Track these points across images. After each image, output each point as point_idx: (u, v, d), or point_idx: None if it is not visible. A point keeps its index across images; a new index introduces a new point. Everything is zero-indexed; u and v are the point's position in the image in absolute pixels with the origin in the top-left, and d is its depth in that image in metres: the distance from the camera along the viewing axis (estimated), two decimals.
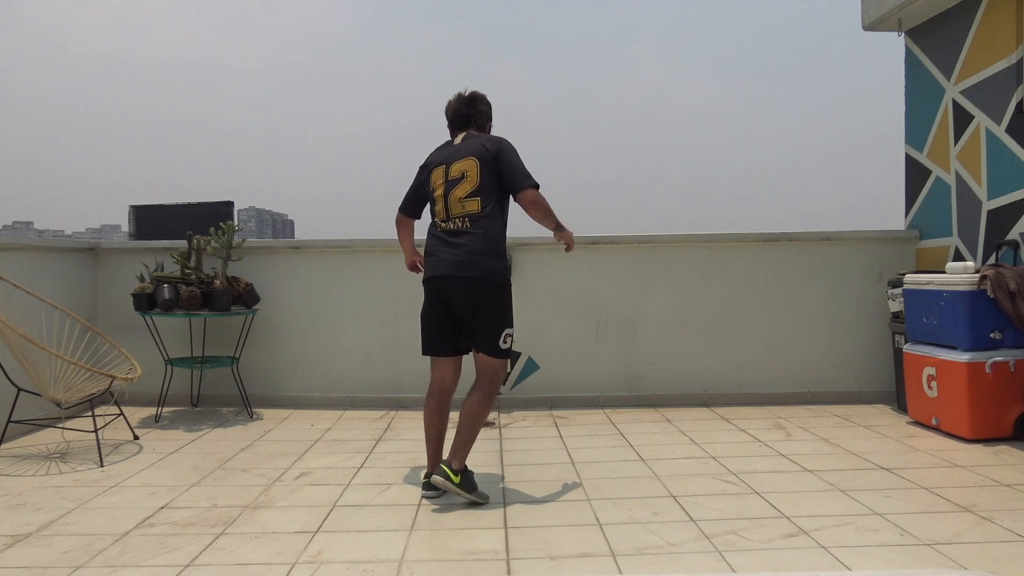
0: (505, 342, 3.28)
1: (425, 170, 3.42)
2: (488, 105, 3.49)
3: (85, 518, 2.99)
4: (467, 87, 3.47)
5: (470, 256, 3.21)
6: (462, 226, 3.25)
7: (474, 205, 3.24)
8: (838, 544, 2.63)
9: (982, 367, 3.96)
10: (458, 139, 3.41)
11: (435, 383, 3.37)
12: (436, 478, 3.12)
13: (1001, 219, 4.46)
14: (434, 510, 3.07)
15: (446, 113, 3.48)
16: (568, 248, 3.46)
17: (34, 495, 3.28)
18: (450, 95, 3.49)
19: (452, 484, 3.09)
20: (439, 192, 3.32)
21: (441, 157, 3.38)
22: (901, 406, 4.73)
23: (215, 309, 4.80)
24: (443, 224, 3.29)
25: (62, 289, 4.87)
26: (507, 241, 3.36)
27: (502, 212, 3.32)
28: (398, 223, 3.54)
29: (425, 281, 3.35)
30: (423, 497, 3.22)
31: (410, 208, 3.52)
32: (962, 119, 4.81)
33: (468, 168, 3.28)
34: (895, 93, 5.51)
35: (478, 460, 3.84)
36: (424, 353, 3.38)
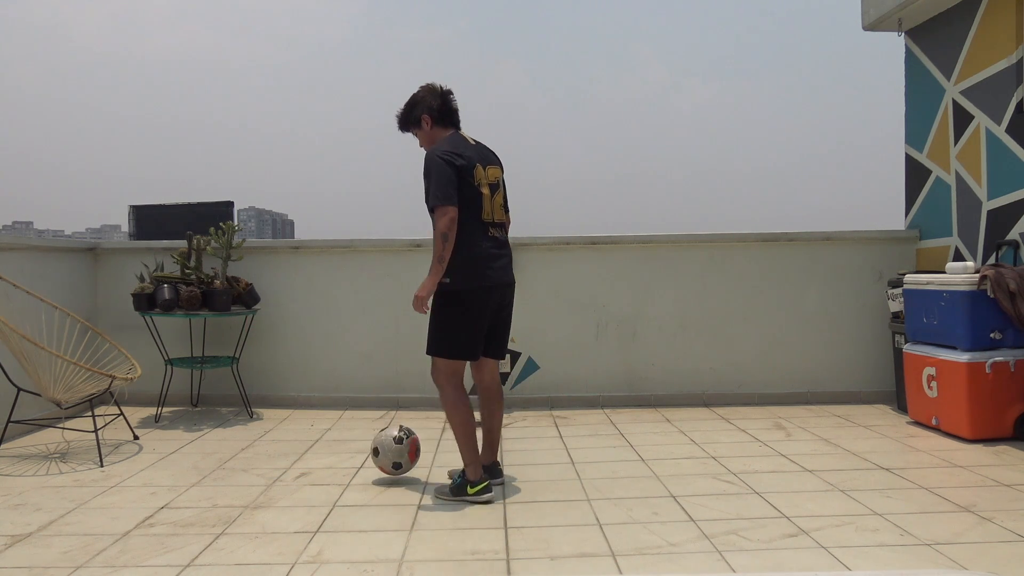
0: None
1: (465, 165, 3.14)
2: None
3: (85, 518, 2.99)
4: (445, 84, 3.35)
5: (511, 264, 3.37)
6: (502, 234, 3.31)
7: (502, 215, 3.32)
8: (838, 544, 2.63)
9: (982, 367, 3.96)
10: (470, 139, 3.31)
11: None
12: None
13: (1001, 219, 4.46)
14: (434, 510, 3.08)
15: (450, 104, 3.32)
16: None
17: (34, 495, 3.28)
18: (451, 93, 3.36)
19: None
20: (487, 192, 3.20)
21: (475, 155, 3.21)
22: (901, 406, 4.73)
23: (215, 309, 4.80)
24: (492, 230, 3.23)
25: (62, 289, 4.87)
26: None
27: None
28: (455, 219, 3.06)
29: (488, 288, 3.19)
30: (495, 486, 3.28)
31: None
32: (962, 119, 4.81)
33: (500, 177, 3.33)
34: (895, 93, 5.51)
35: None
36: (469, 358, 3.25)
